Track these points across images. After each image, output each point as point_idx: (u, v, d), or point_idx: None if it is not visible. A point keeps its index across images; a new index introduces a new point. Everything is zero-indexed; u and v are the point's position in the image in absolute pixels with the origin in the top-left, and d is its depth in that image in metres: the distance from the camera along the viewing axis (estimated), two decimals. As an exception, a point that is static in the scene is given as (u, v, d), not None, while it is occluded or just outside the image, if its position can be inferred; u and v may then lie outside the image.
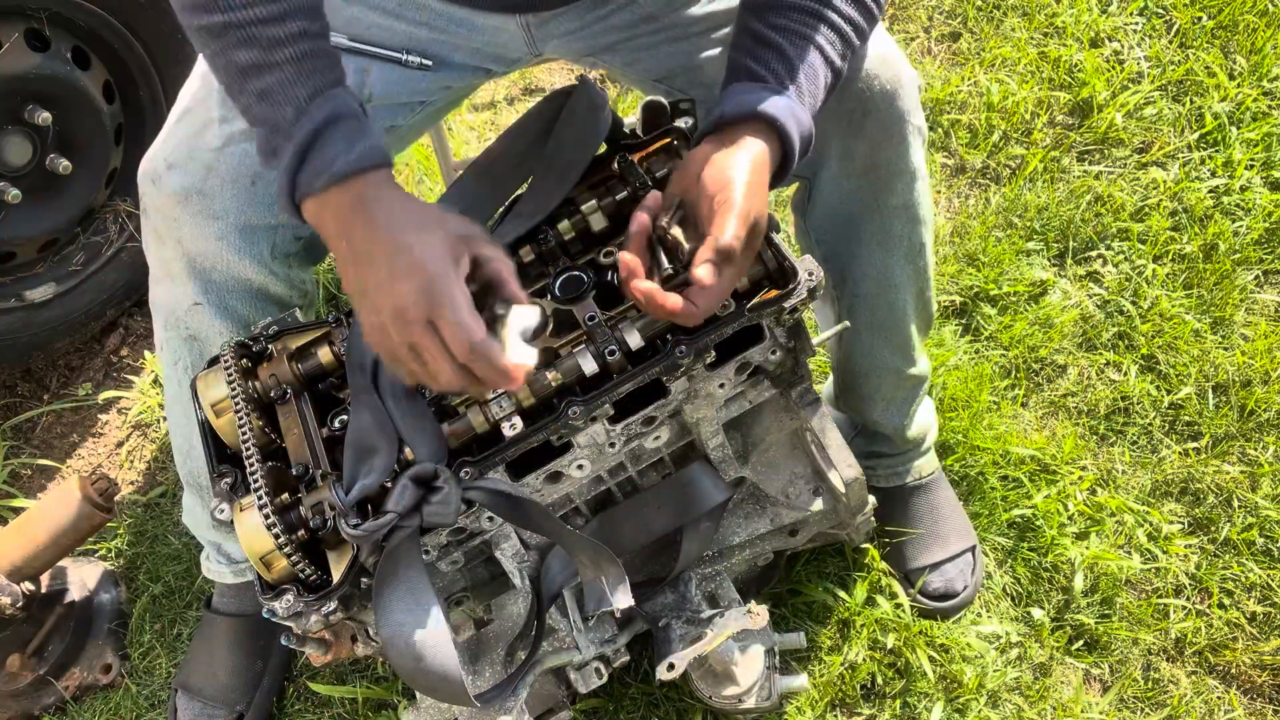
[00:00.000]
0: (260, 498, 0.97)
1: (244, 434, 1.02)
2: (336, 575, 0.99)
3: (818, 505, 1.24)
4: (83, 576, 1.60)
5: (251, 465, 0.99)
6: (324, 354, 1.10)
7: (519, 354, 0.90)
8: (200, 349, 1.23)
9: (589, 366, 1.02)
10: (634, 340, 1.04)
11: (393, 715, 1.44)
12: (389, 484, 0.96)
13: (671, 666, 1.15)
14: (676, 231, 0.96)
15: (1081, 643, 1.43)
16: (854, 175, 1.19)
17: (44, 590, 1.51)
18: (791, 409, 1.19)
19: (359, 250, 0.90)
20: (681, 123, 1.13)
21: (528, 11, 1.21)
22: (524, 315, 0.92)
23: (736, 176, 0.93)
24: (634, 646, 1.31)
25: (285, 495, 1.02)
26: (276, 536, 0.96)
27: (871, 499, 1.27)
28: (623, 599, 1.03)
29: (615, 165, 1.13)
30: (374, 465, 0.97)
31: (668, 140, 1.13)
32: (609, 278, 1.10)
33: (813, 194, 1.24)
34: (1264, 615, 1.43)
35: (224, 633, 1.48)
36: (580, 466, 1.08)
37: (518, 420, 1.01)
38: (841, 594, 1.44)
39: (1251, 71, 2.00)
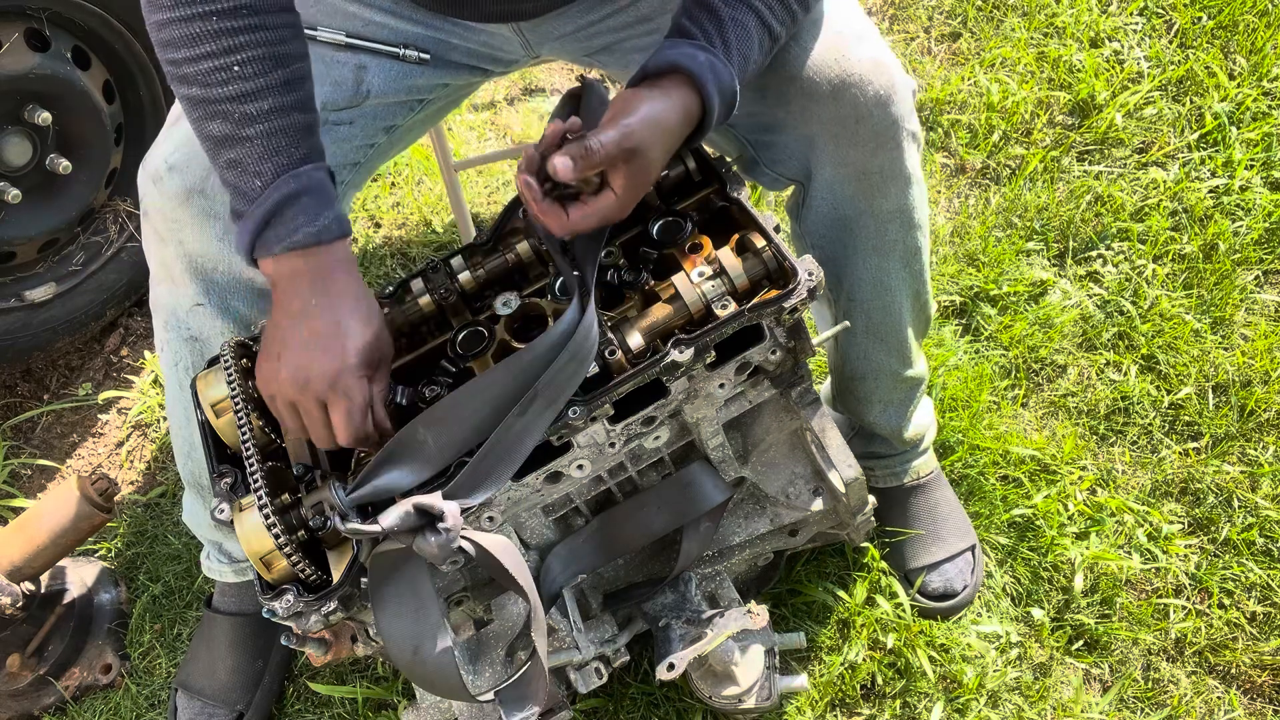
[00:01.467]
0: (260, 498, 0.97)
1: (244, 434, 1.02)
2: (336, 575, 0.99)
3: (818, 505, 1.24)
4: (83, 576, 1.60)
5: (251, 465, 0.99)
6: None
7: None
8: (201, 349, 1.23)
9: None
10: (634, 340, 1.04)
11: (393, 715, 1.44)
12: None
13: (671, 666, 1.15)
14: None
15: (1081, 643, 1.43)
16: (848, 181, 1.19)
17: (44, 590, 1.51)
18: (791, 409, 1.19)
19: (296, 310, 0.98)
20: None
21: (517, 19, 1.22)
22: None
23: (637, 107, 0.95)
24: (634, 646, 1.31)
25: (285, 495, 1.02)
26: (276, 537, 0.96)
27: (871, 499, 1.27)
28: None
29: None
30: (397, 478, 0.97)
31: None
32: (609, 277, 1.10)
33: (807, 198, 1.24)
34: (1264, 615, 1.44)
35: (224, 632, 1.48)
36: (580, 466, 1.08)
37: (518, 420, 1.01)
38: (841, 594, 1.44)
39: (1251, 71, 2.00)
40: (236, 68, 0.95)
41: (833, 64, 1.11)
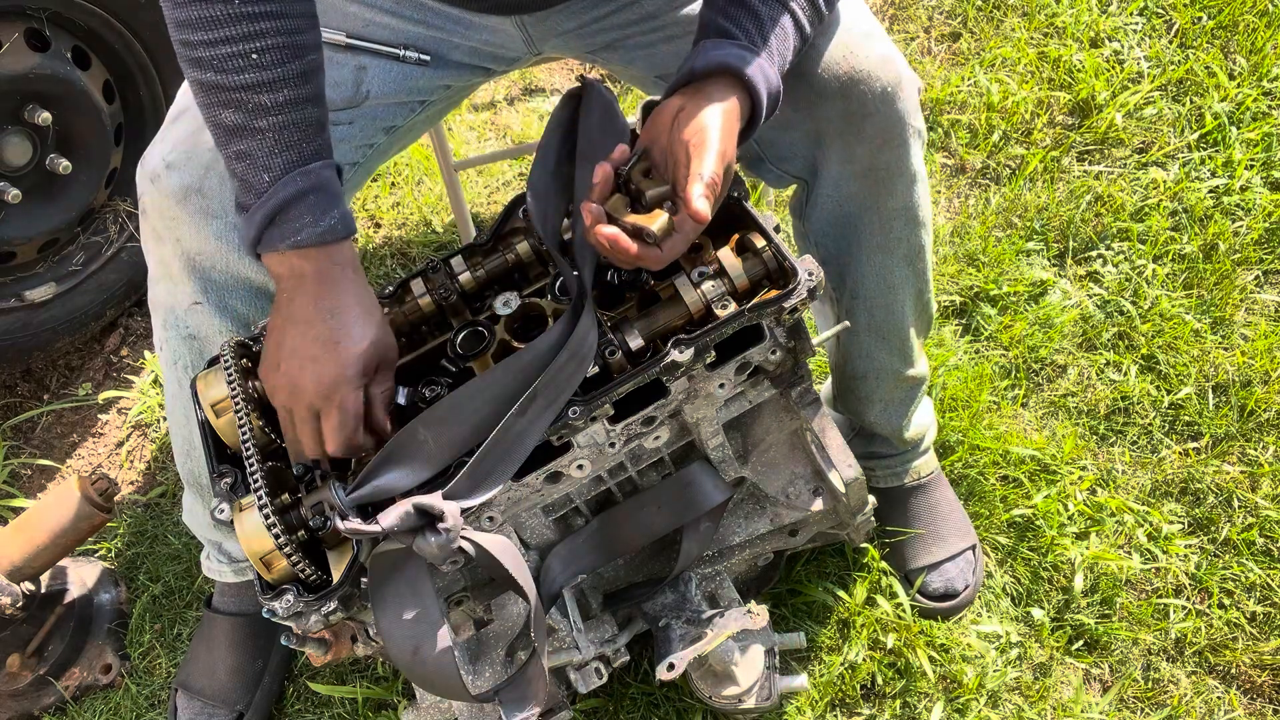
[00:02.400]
0: (260, 498, 0.97)
1: (244, 434, 1.02)
2: (336, 575, 0.99)
3: (818, 505, 1.24)
4: (83, 576, 1.60)
5: (251, 465, 0.99)
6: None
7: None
8: (200, 348, 1.23)
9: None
10: (634, 340, 1.04)
11: (393, 715, 1.44)
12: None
13: (671, 666, 1.15)
14: (640, 179, 0.97)
15: (1081, 643, 1.43)
16: (854, 178, 1.19)
17: (44, 590, 1.51)
18: (791, 409, 1.19)
19: (296, 312, 0.97)
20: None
21: (522, 12, 1.21)
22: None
23: (711, 123, 0.94)
24: (634, 646, 1.31)
25: (285, 495, 1.02)
26: (276, 537, 0.96)
27: (871, 499, 1.27)
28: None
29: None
30: (396, 478, 0.97)
31: None
32: (608, 277, 1.10)
33: (812, 196, 1.24)
34: (1264, 615, 1.43)
35: (224, 632, 1.48)
36: (580, 466, 1.08)
37: (518, 420, 1.01)
38: (841, 594, 1.44)
39: (1251, 71, 2.00)
40: (255, 55, 0.94)
41: (841, 60, 1.11)
